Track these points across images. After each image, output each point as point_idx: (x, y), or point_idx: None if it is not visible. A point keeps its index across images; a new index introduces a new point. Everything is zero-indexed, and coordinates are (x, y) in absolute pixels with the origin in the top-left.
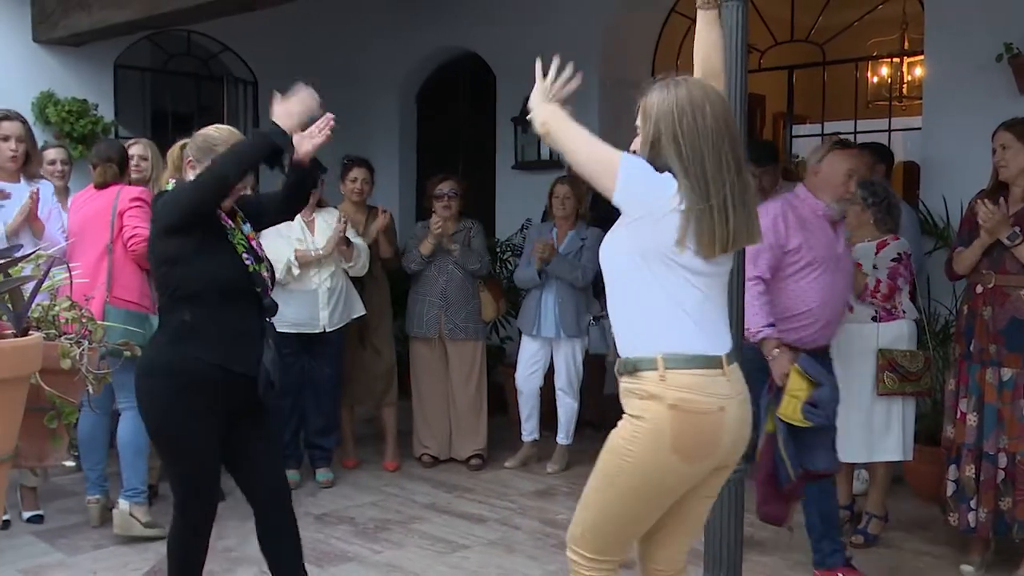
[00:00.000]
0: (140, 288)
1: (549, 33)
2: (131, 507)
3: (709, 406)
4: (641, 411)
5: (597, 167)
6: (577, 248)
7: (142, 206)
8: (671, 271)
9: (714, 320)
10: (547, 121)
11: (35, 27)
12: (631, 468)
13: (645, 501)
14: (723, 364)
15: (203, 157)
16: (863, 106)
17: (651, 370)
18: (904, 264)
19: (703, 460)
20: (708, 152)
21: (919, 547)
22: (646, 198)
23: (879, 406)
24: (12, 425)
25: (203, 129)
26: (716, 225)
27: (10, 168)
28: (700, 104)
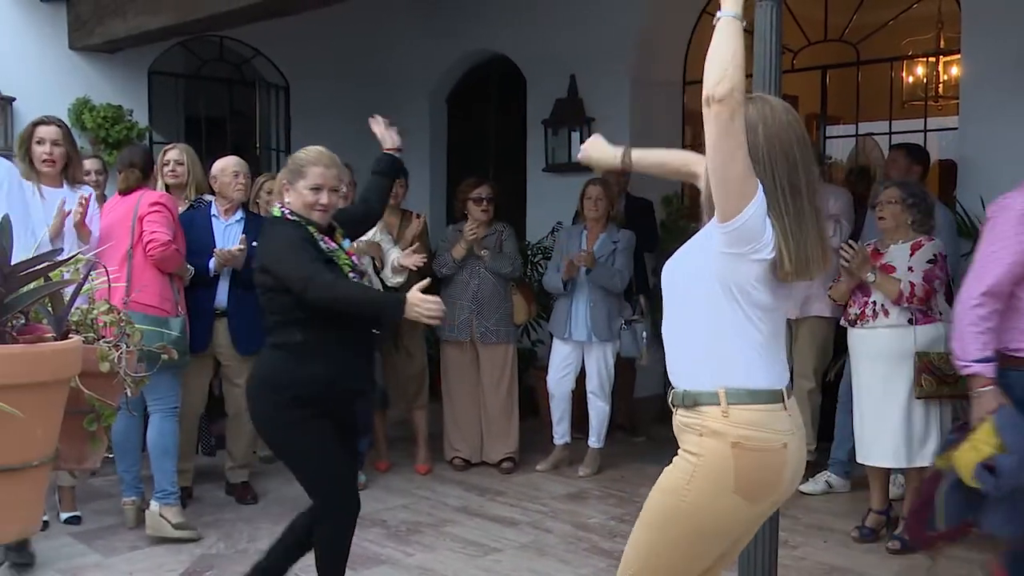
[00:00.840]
0: (160, 292)
1: (579, 35)
2: (161, 508)
3: (773, 443)
4: (700, 449)
5: (740, 176)
6: (610, 251)
7: (161, 211)
8: (744, 305)
9: (775, 352)
10: (735, 92)
11: (71, 34)
12: (689, 510)
13: (701, 545)
14: (784, 398)
15: (294, 179)
16: (898, 106)
17: (712, 405)
18: (939, 266)
19: (765, 500)
20: (762, 176)
21: (958, 553)
22: (758, 237)
23: (918, 410)
24: (53, 427)
25: (296, 153)
26: (790, 250)
27: (47, 171)
28: (753, 123)
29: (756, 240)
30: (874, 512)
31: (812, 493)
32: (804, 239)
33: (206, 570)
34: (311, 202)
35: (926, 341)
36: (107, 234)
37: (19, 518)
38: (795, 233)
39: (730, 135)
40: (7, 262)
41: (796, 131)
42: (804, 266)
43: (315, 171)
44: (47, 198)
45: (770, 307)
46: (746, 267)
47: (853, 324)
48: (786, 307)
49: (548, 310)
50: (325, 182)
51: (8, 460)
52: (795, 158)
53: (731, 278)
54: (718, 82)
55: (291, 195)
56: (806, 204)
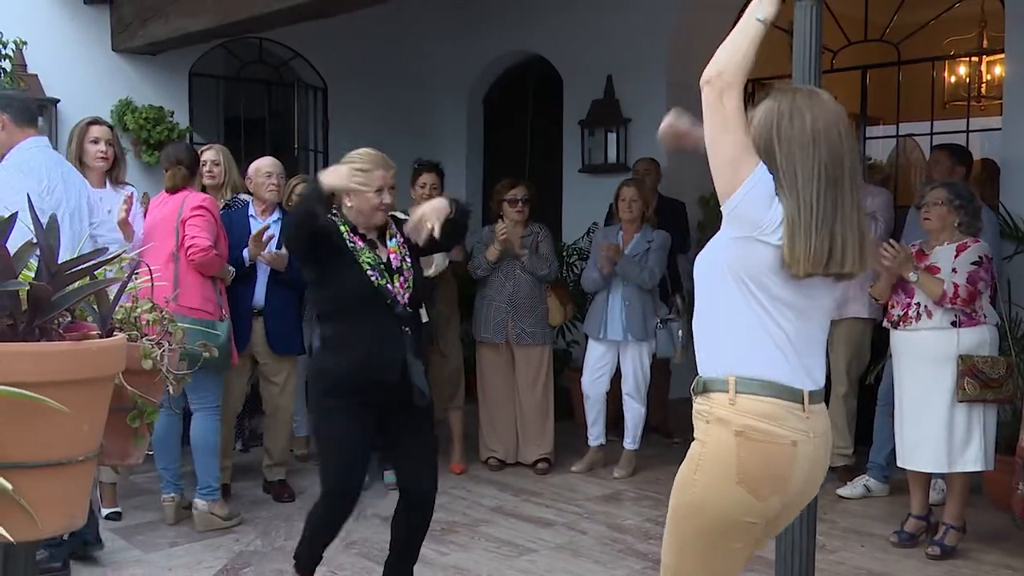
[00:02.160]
0: (203, 294)
1: (616, 35)
2: (209, 505)
3: (780, 438)
4: (706, 436)
5: (731, 158)
6: (643, 251)
7: (204, 215)
8: (762, 297)
9: (804, 356)
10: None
11: (114, 37)
12: (697, 503)
13: (719, 541)
14: (804, 400)
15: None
16: (940, 106)
17: (721, 392)
18: (985, 268)
19: (772, 495)
20: (801, 161)
21: (998, 559)
22: (760, 219)
23: (959, 414)
24: (98, 424)
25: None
26: (804, 241)
27: (99, 167)
28: (800, 110)
29: (759, 221)
30: (913, 517)
31: (850, 497)
32: (829, 232)
33: (243, 567)
34: (377, 204)
35: (970, 344)
36: (151, 233)
37: (65, 512)
38: (821, 224)
39: (716, 114)
40: (54, 260)
41: (843, 121)
42: (822, 260)
43: (378, 174)
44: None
45: (793, 303)
46: (756, 254)
47: (896, 326)
48: (827, 303)
49: (584, 311)
50: (386, 183)
51: (55, 455)
52: (840, 147)
53: (742, 266)
54: (711, 66)
55: (354, 199)
56: (847, 196)
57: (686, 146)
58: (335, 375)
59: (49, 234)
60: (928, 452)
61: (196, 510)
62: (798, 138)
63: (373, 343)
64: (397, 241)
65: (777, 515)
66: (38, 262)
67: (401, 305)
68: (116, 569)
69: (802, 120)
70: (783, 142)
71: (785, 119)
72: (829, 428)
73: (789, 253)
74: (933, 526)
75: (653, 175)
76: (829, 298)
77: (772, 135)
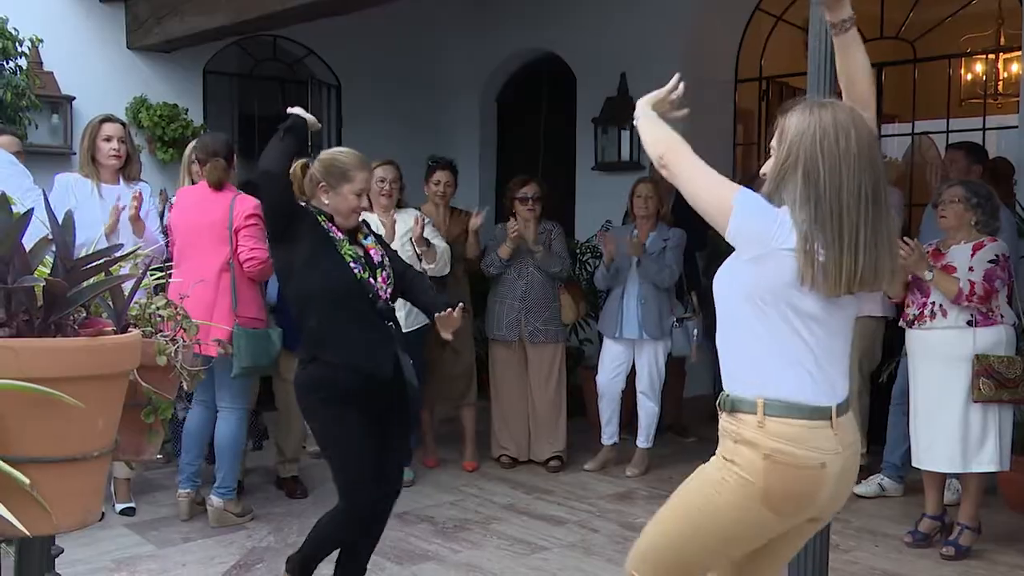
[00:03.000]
0: (259, 304)
1: (630, 33)
2: (225, 503)
3: (808, 461)
4: (734, 455)
5: (711, 201)
6: (660, 249)
7: (258, 223)
8: (785, 315)
9: (829, 369)
10: (666, 158)
11: (129, 34)
12: (715, 511)
13: (720, 545)
14: (832, 416)
15: (338, 183)
16: (956, 104)
17: (750, 413)
18: (1002, 266)
19: (796, 515)
20: (847, 180)
21: (1014, 560)
22: (763, 236)
23: (975, 414)
24: (113, 419)
25: (330, 154)
26: (843, 260)
27: (111, 165)
28: (846, 128)
29: (765, 233)
30: (928, 517)
31: (865, 495)
32: (874, 252)
33: (256, 563)
34: (355, 206)
35: (986, 344)
36: (195, 234)
37: (80, 507)
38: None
39: (681, 180)
40: (70, 257)
41: (874, 138)
42: (865, 280)
43: (362, 176)
44: (104, 197)
45: (822, 315)
46: (775, 268)
47: (911, 325)
48: (852, 311)
49: (597, 309)
50: (367, 187)
51: (70, 450)
52: (879, 165)
53: (762, 286)
54: (651, 155)
55: (331, 198)
56: (884, 212)
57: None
58: (332, 381)
59: (65, 230)
60: (943, 452)
61: (211, 506)
62: (843, 155)
63: (360, 339)
64: (372, 237)
65: (802, 528)
66: (54, 258)
67: (383, 300)
68: (130, 564)
69: (847, 136)
70: (827, 159)
71: (830, 137)
72: (857, 434)
73: (824, 275)
74: (948, 526)
75: None
76: (854, 307)
77: (816, 151)
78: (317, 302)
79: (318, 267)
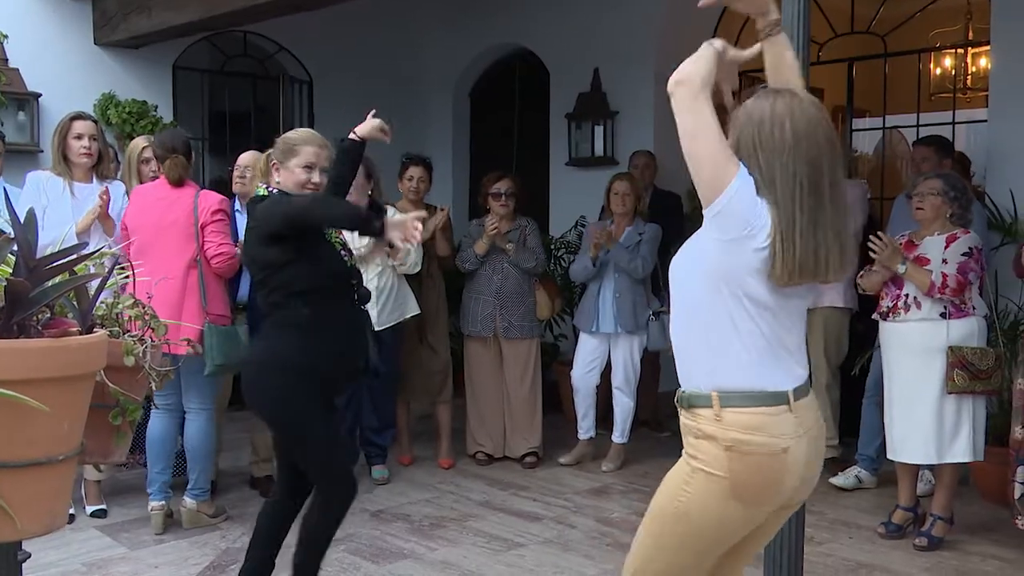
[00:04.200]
0: (225, 300)
1: (603, 29)
2: (198, 505)
3: (770, 447)
4: (696, 451)
5: (710, 167)
6: (635, 243)
7: (224, 219)
8: (740, 302)
9: (783, 354)
10: (686, 80)
11: (96, 30)
12: (687, 512)
13: (701, 546)
14: (790, 400)
15: (286, 158)
16: (925, 98)
17: (706, 407)
18: (975, 259)
19: (765, 504)
20: (780, 170)
21: (986, 550)
22: (750, 218)
23: (949, 405)
24: (79, 422)
25: (285, 133)
26: (782, 250)
27: (83, 164)
28: (781, 117)
29: (747, 224)
30: (901, 508)
31: (844, 487)
32: (812, 242)
33: (230, 563)
34: (303, 180)
35: (959, 335)
36: (157, 231)
37: (45, 512)
38: (804, 233)
39: (691, 115)
40: (33, 256)
41: (825, 127)
42: (805, 270)
43: (308, 150)
44: (77, 195)
45: (773, 305)
46: (742, 255)
47: (885, 317)
48: (802, 303)
49: (572, 305)
50: (318, 161)
51: (35, 454)
52: (820, 154)
53: (724, 270)
54: (678, 72)
55: (282, 174)
56: (827, 202)
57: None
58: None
59: (27, 228)
60: (917, 444)
61: (184, 507)
62: (778, 145)
63: (346, 326)
64: None
65: (772, 517)
66: (16, 257)
67: (363, 287)
68: (101, 566)
69: (781, 127)
70: (765, 149)
71: (766, 126)
72: (820, 418)
73: (773, 263)
74: (921, 517)
75: (651, 169)
76: (807, 297)
77: (754, 141)
78: (316, 290)
79: (320, 255)
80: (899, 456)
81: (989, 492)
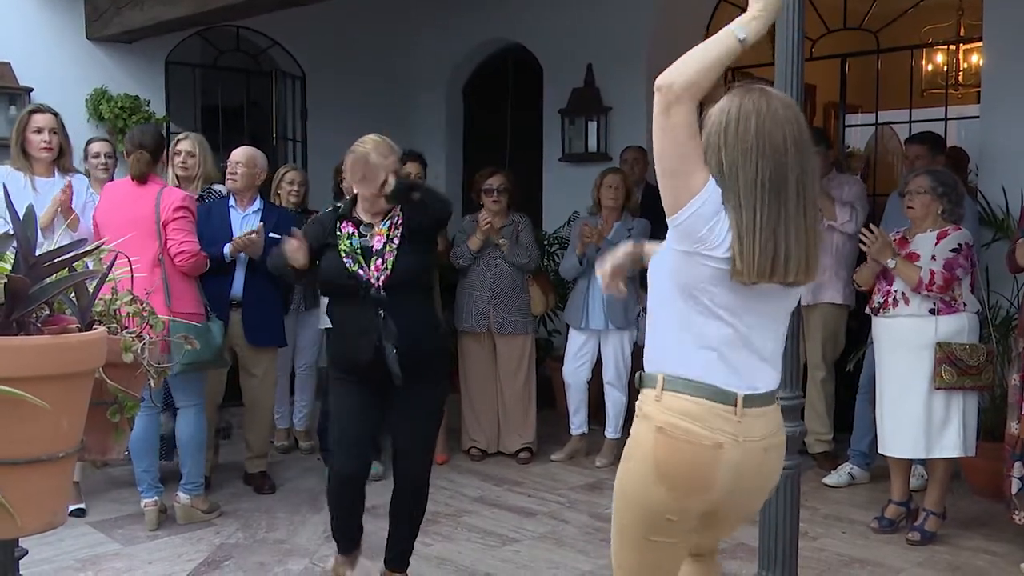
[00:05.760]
0: (194, 297)
1: (596, 24)
2: (192, 500)
3: (700, 438)
4: (635, 432)
5: (672, 174)
6: (624, 238)
7: (187, 216)
8: (704, 303)
9: (745, 359)
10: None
11: (88, 25)
12: (626, 496)
13: (636, 536)
14: (737, 403)
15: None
16: (918, 94)
17: (651, 388)
18: (964, 255)
19: (690, 496)
20: (743, 168)
21: (979, 545)
22: (705, 237)
23: (937, 401)
24: (79, 419)
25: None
26: (744, 249)
27: (44, 158)
28: (746, 115)
29: (704, 238)
30: (894, 503)
31: (836, 486)
32: (772, 243)
33: (225, 559)
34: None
35: (948, 331)
36: (125, 229)
37: (45, 510)
38: (764, 232)
39: (660, 126)
40: (32, 253)
41: (792, 128)
42: (763, 271)
43: (391, 161)
44: (39, 190)
45: (737, 305)
46: (697, 267)
47: (876, 313)
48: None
49: (565, 300)
50: (393, 170)
51: (35, 451)
52: (784, 155)
53: (683, 276)
54: (667, 72)
55: (361, 187)
56: (791, 204)
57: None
58: (331, 351)
59: (26, 225)
60: (907, 438)
61: (178, 503)
62: (741, 145)
63: (348, 326)
64: (389, 223)
65: (710, 518)
66: (15, 254)
67: (375, 288)
68: (95, 563)
69: (746, 126)
70: (728, 148)
71: (732, 125)
72: (777, 434)
73: (737, 261)
74: (913, 512)
75: (641, 164)
76: (782, 303)
77: (718, 141)
78: (329, 295)
79: (320, 264)
80: (889, 450)
81: (981, 487)
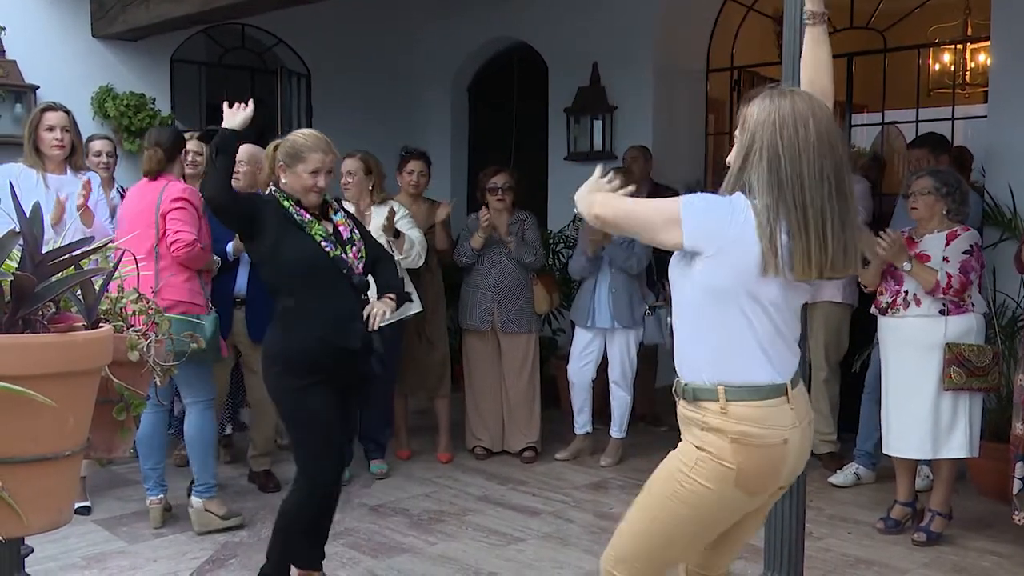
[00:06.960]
0: (190, 288)
1: (602, 22)
2: (206, 503)
3: (773, 439)
4: (703, 443)
5: (658, 220)
6: (628, 240)
7: (185, 207)
8: (742, 305)
9: (781, 346)
10: (600, 211)
11: (94, 23)
12: (687, 497)
13: (696, 530)
14: (787, 391)
15: (293, 162)
16: (924, 94)
17: (712, 401)
18: (976, 256)
19: (765, 491)
20: (807, 167)
21: (984, 546)
22: (717, 231)
23: (945, 402)
24: (85, 417)
25: (291, 135)
26: (811, 246)
27: (56, 156)
28: (804, 116)
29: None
30: (899, 504)
31: (842, 485)
32: (842, 237)
33: (229, 558)
34: (310, 185)
35: (957, 332)
36: (131, 223)
37: (52, 508)
38: (834, 230)
39: (617, 223)
40: (39, 251)
41: (834, 125)
42: (836, 265)
43: (315, 157)
44: (51, 187)
45: (779, 300)
46: (730, 267)
47: (883, 313)
48: (804, 296)
49: (570, 299)
50: (323, 166)
51: (42, 449)
52: (839, 151)
53: (723, 283)
54: (589, 218)
55: (288, 177)
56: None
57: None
58: (299, 347)
59: (32, 223)
60: (914, 439)
61: (192, 508)
62: (803, 144)
63: (333, 313)
64: (342, 215)
65: (763, 504)
66: (22, 252)
67: (357, 274)
68: (100, 560)
69: (806, 126)
70: (787, 145)
71: (789, 124)
72: (810, 408)
73: (794, 258)
74: (919, 513)
75: (641, 162)
76: (809, 291)
77: (776, 139)
78: (291, 282)
79: (286, 250)
80: (895, 451)
81: (986, 488)
